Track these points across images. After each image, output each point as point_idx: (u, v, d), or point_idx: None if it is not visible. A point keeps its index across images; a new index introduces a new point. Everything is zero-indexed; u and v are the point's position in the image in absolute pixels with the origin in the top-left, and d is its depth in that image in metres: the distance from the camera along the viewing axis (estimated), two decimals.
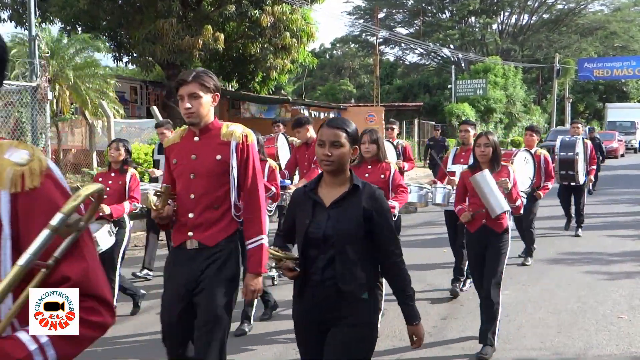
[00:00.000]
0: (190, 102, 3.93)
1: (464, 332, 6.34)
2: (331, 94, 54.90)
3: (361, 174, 5.91)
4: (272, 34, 25.67)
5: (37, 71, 14.02)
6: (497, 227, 5.86)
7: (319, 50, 63.54)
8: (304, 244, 3.34)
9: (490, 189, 5.67)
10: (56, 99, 17.15)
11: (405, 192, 6.40)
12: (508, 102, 46.25)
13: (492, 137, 5.86)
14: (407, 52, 64.26)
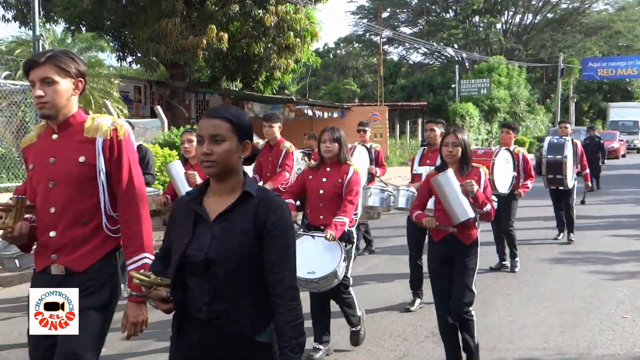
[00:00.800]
0: (42, 88, 3.16)
1: None
2: (335, 93, 54.88)
3: (319, 178, 5.65)
4: (276, 34, 25.68)
5: None
6: (465, 237, 5.19)
7: (322, 50, 63.54)
8: (179, 270, 2.57)
9: (454, 192, 5.05)
10: None
11: (352, 204, 5.56)
12: (512, 101, 46.20)
13: (461, 135, 5.22)
14: (411, 52, 64.32)
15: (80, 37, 21.15)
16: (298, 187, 5.88)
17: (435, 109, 45.78)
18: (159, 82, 29.22)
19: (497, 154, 7.70)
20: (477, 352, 5.28)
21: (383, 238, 11.98)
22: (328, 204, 5.57)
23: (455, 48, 57.33)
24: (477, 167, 5.39)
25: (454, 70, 46.13)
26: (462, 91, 43.11)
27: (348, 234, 5.55)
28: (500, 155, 7.73)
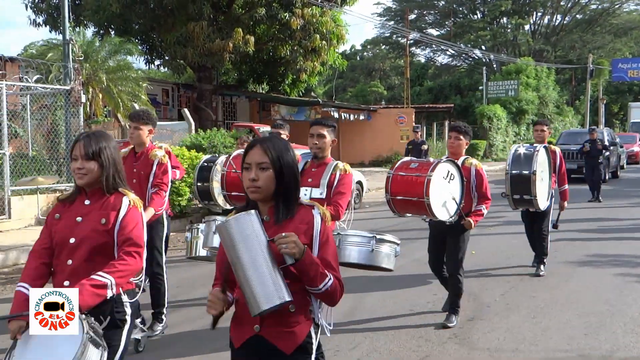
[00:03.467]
0: None
1: (491, 332, 6.34)
2: (362, 95, 54.92)
3: None
4: (302, 37, 25.81)
5: (71, 74, 14.29)
6: (282, 340, 2.85)
7: (349, 52, 63.64)
8: None
9: (253, 252, 2.67)
10: (89, 102, 17.44)
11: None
12: (540, 103, 45.83)
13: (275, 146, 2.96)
14: (438, 54, 64.02)
15: (109, 41, 21.43)
16: None
17: (462, 111, 45.59)
18: (187, 85, 29.50)
19: (435, 168, 5.99)
20: None
21: (409, 240, 11.99)
22: None
23: (483, 50, 57.06)
24: (311, 206, 2.97)
25: (481, 72, 45.86)
26: (490, 93, 42.87)
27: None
28: (440, 170, 6.01)
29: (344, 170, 5.34)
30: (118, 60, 20.61)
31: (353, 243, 5.53)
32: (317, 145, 5.43)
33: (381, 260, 5.61)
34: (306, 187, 5.19)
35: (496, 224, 13.40)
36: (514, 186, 8.27)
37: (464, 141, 6.58)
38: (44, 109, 15.24)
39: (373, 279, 8.76)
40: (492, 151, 39.41)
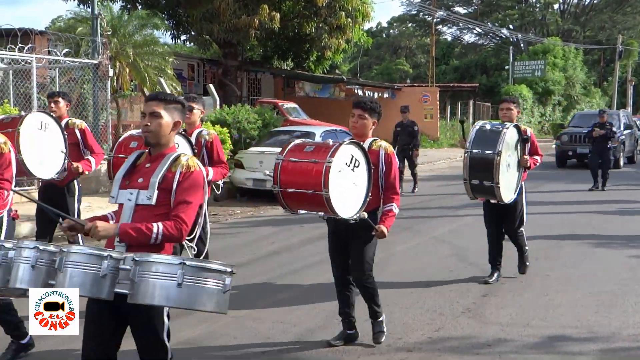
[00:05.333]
0: None
1: (503, 308, 6.50)
2: (387, 73, 54.82)
3: None
4: (327, 14, 25.78)
5: (99, 49, 14.53)
6: None
7: (375, 30, 63.38)
8: None
9: None
10: (116, 76, 17.67)
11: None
12: (567, 84, 45.49)
13: None
14: (464, 32, 63.51)
15: (136, 15, 21.60)
16: None
17: (487, 91, 45.39)
18: (212, 61, 29.64)
19: (334, 152, 4.79)
20: None
21: (427, 218, 12.15)
22: None
23: (511, 29, 56.51)
24: None
25: (508, 52, 45.58)
26: (516, 73, 42.63)
27: None
28: (342, 155, 4.85)
29: (187, 167, 3.71)
30: (145, 35, 20.77)
31: (150, 274, 3.26)
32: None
33: (197, 302, 3.33)
34: (131, 190, 3.71)
35: None
36: (473, 169, 6.90)
37: (370, 120, 5.24)
38: (72, 82, 15.53)
39: (388, 255, 8.96)
40: None
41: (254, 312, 6.45)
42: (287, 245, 9.65)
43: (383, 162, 5.19)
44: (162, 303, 3.34)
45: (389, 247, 9.45)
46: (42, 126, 6.62)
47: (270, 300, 6.92)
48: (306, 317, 6.26)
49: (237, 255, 8.83)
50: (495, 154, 6.72)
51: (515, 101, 7.72)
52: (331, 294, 6.94)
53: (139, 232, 3.51)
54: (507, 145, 6.87)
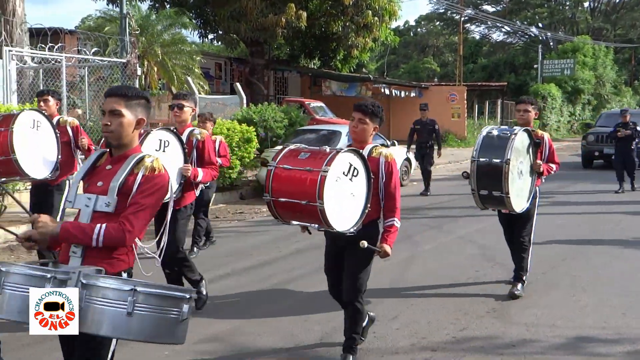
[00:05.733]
0: None
1: (528, 308, 6.45)
2: (414, 72, 54.63)
3: None
4: (354, 12, 25.81)
5: (127, 48, 14.67)
6: None
7: (403, 28, 63.18)
8: None
9: None
10: (144, 75, 17.85)
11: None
12: (597, 83, 44.94)
13: None
14: (493, 31, 63.02)
15: (164, 14, 21.80)
16: None
17: (516, 90, 44.98)
18: (239, 59, 29.80)
19: (331, 160, 4.43)
20: None
21: (454, 218, 12.09)
22: None
23: (540, 27, 55.96)
24: None
25: (537, 50, 45.18)
26: (545, 72, 42.24)
27: None
28: (339, 163, 4.50)
29: (152, 169, 3.37)
30: (173, 34, 20.98)
31: (97, 301, 2.92)
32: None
33: (149, 333, 2.97)
34: (89, 195, 3.38)
35: (544, 204, 13.34)
36: (481, 179, 6.49)
37: (370, 125, 4.89)
38: (101, 80, 15.70)
39: (413, 254, 8.95)
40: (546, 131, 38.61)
41: (278, 309, 6.48)
42: (313, 244, 9.63)
43: (383, 171, 4.83)
44: (108, 334, 2.94)
45: (414, 246, 9.45)
46: (34, 124, 6.56)
47: (295, 297, 6.95)
48: (331, 316, 6.26)
49: (262, 253, 8.87)
50: (504, 162, 6.25)
51: (534, 102, 7.09)
52: None
53: (80, 231, 3.20)
54: (517, 151, 6.44)
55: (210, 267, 8.01)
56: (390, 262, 8.39)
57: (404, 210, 12.27)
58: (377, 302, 6.63)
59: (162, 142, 5.75)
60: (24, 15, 14.65)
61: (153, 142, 5.65)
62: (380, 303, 6.60)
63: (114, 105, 3.37)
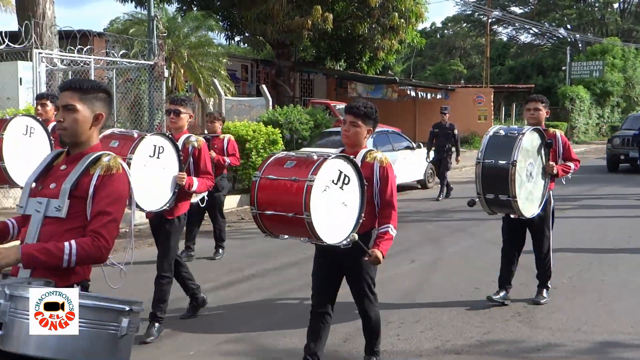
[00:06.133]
0: None
1: (554, 313, 6.40)
2: (440, 74, 54.37)
3: None
4: (381, 14, 25.78)
5: (154, 50, 14.81)
6: None
7: (429, 30, 62.94)
8: None
9: None
10: (171, 77, 17.99)
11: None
12: (627, 85, 44.32)
13: None
14: (520, 32, 62.49)
15: (191, 17, 21.95)
16: None
17: (544, 92, 44.39)
18: (265, 61, 29.90)
19: (317, 169, 4.10)
20: None
21: (480, 220, 12.01)
22: None
23: (568, 29, 55.39)
24: None
25: (565, 52, 44.70)
26: (573, 74, 41.77)
27: None
28: (326, 171, 4.17)
29: (108, 168, 3.06)
30: (199, 36, 21.12)
31: (24, 314, 2.66)
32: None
33: (83, 351, 2.70)
34: (40, 198, 3.08)
35: (571, 207, 13.25)
36: (487, 181, 6.14)
37: (363, 128, 4.56)
38: (129, 82, 15.87)
39: (439, 257, 8.92)
40: (574, 133, 38.50)
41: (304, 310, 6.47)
42: None
43: (378, 177, 4.50)
44: (37, 353, 2.59)
45: (440, 249, 9.43)
46: (27, 131, 6.28)
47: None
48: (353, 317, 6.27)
49: (288, 255, 8.89)
50: (510, 163, 5.89)
51: (544, 100, 6.65)
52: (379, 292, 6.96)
53: (48, 254, 2.86)
54: (526, 152, 6.06)
55: (236, 269, 8.07)
56: (416, 264, 8.44)
57: (430, 213, 12.36)
58: (401, 304, 6.64)
59: (156, 148, 5.47)
60: (53, 18, 14.85)
61: (147, 148, 5.40)
62: (404, 305, 6.60)
63: (67, 99, 3.07)
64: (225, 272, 7.99)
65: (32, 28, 12.48)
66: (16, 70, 12.69)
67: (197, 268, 8.16)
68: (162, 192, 5.57)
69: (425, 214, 12.57)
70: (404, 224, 11.63)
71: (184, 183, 5.65)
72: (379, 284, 6.53)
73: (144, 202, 5.38)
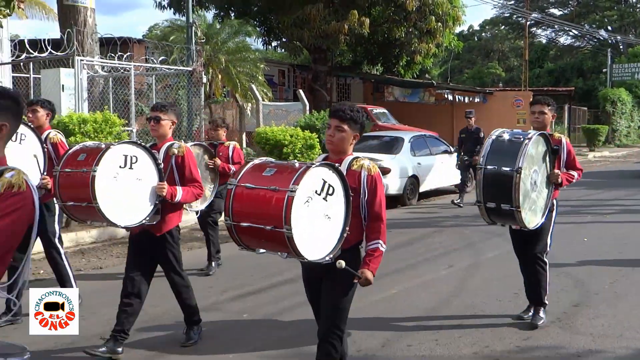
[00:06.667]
0: None
1: (595, 319, 6.30)
2: (478, 77, 54.00)
3: None
4: (417, 18, 25.72)
5: (193, 56, 14.99)
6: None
7: (467, 33, 62.53)
8: None
9: None
10: (209, 82, 18.17)
11: None
12: None
13: None
14: (560, 34, 61.72)
15: (229, 23, 22.16)
16: None
17: (584, 95, 44.04)
18: (302, 66, 30.02)
19: (299, 179, 3.73)
20: None
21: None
22: None
23: (609, 30, 54.56)
24: None
25: (606, 54, 44.03)
26: (615, 76, 41.16)
27: None
28: (309, 181, 3.77)
29: (9, 186, 2.58)
30: (237, 42, 21.30)
31: None
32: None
33: None
34: None
35: (612, 212, 13.04)
36: (488, 189, 5.66)
37: (349, 133, 4.11)
38: (168, 88, 16.09)
39: (477, 262, 8.86)
40: (615, 137, 37.93)
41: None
42: None
43: (365, 187, 4.07)
44: None
45: (478, 254, 9.36)
46: (17, 137, 5.67)
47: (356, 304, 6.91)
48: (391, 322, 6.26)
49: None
50: (515, 170, 5.42)
51: (550, 103, 6.12)
52: (417, 298, 6.94)
53: None
54: (531, 159, 5.60)
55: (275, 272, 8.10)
56: (453, 269, 8.39)
57: (467, 218, 12.27)
58: (440, 310, 6.61)
59: (127, 158, 5.11)
60: (94, 26, 15.13)
61: (115, 158, 5.04)
62: (442, 311, 6.58)
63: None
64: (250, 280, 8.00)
65: (74, 36, 12.72)
66: (58, 77, 12.94)
67: (234, 272, 8.23)
68: (139, 205, 5.20)
69: (463, 219, 12.48)
70: (441, 228, 11.59)
71: (164, 193, 5.27)
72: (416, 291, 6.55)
73: (116, 216, 5.07)
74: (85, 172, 4.94)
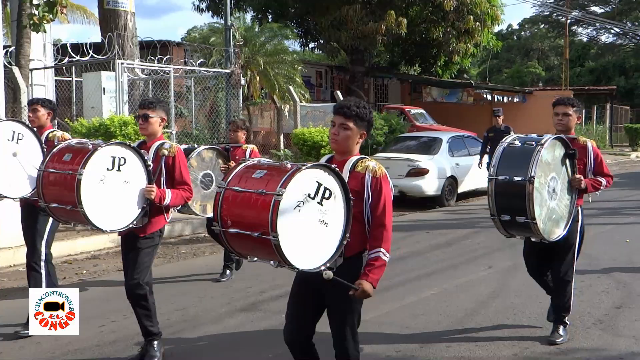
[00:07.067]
0: None
1: (637, 321, 6.21)
2: (517, 77, 53.41)
3: None
4: (455, 18, 25.58)
5: (231, 58, 15.13)
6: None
7: (505, 32, 61.92)
8: None
9: None
10: (247, 84, 18.31)
11: None
12: None
13: None
14: (601, 32, 60.71)
15: (268, 27, 22.32)
16: None
17: (626, 94, 43.31)
18: (339, 67, 30.05)
19: (287, 181, 3.40)
20: None
21: None
22: None
23: None
24: None
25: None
26: None
27: None
28: (297, 185, 3.43)
29: None
30: (275, 44, 21.43)
31: None
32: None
33: None
34: None
35: None
36: (501, 201, 5.27)
37: (355, 131, 3.82)
38: (207, 90, 16.27)
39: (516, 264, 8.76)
40: None
41: (378, 316, 6.50)
42: (413, 251, 9.66)
43: (369, 190, 3.75)
44: None
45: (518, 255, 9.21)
46: (13, 137, 5.77)
47: (395, 304, 6.95)
48: (430, 323, 6.25)
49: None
50: (527, 180, 5.01)
51: (575, 104, 5.65)
52: (456, 298, 6.91)
53: None
54: (547, 165, 5.17)
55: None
56: (493, 270, 8.33)
57: None
58: (479, 311, 6.57)
59: (115, 160, 4.87)
60: (134, 29, 15.37)
61: (103, 160, 4.82)
62: (482, 312, 6.54)
63: None
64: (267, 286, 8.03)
65: (114, 39, 12.95)
66: (100, 80, 13.19)
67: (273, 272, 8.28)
68: (126, 209, 4.95)
69: None
70: (480, 229, 11.50)
71: (153, 197, 4.99)
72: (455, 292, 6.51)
73: (102, 220, 4.81)
74: (71, 174, 4.71)
